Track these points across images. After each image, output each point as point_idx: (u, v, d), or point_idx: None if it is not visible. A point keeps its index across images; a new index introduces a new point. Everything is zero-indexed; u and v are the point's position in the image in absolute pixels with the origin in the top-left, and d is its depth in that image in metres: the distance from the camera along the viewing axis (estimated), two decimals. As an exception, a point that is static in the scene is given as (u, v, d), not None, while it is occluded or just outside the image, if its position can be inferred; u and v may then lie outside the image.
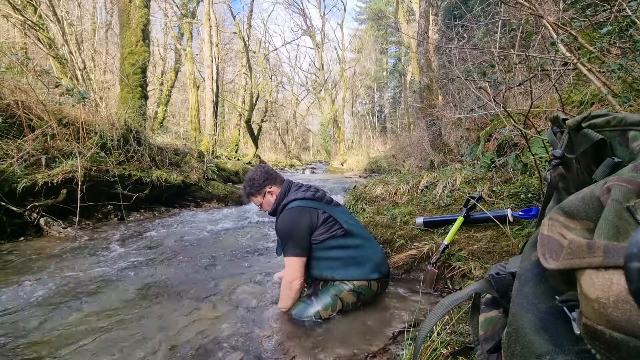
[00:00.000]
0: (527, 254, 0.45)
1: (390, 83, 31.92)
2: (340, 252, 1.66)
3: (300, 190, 1.79)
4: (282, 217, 1.70)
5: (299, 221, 1.65)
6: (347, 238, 1.69)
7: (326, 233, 1.65)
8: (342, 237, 1.68)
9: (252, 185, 1.82)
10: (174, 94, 16.08)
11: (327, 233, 1.66)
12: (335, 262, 1.65)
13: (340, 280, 1.65)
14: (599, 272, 0.28)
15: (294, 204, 1.71)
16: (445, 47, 6.22)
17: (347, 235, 1.70)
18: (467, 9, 7.05)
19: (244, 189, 1.86)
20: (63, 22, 4.88)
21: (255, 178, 1.82)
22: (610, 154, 0.51)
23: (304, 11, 25.93)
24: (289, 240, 1.64)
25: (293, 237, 1.63)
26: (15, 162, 3.26)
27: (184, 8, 13.43)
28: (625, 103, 1.91)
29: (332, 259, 1.66)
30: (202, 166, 6.24)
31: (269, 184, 1.81)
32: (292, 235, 1.64)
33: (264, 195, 1.82)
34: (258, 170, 1.86)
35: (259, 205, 1.86)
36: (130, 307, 1.78)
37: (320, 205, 1.73)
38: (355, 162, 16.57)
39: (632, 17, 1.84)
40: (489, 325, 0.59)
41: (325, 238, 1.65)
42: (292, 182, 1.86)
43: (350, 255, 1.67)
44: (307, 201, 1.72)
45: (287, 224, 1.67)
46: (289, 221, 1.67)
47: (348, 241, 1.69)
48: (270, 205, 1.82)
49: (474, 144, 4.92)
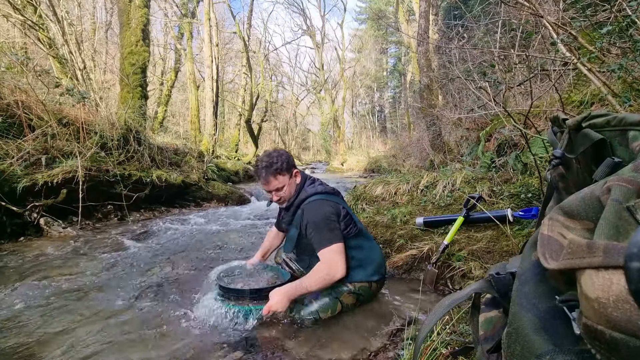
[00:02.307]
0: (527, 254, 0.45)
1: (390, 83, 31.92)
2: (350, 252, 1.63)
3: (316, 184, 1.73)
4: (311, 207, 1.60)
5: (331, 210, 1.59)
6: (358, 238, 1.68)
7: (345, 230, 1.63)
8: (354, 237, 1.66)
9: (284, 161, 1.61)
10: (174, 94, 16.07)
11: (346, 230, 1.63)
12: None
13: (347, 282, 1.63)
14: (599, 272, 0.28)
15: (317, 197, 1.64)
16: (445, 47, 6.22)
17: (359, 236, 1.69)
18: (467, 9, 7.05)
19: (271, 166, 1.59)
20: (63, 22, 4.88)
21: (285, 155, 1.64)
22: (610, 154, 0.51)
23: (304, 11, 26.00)
24: (323, 229, 1.53)
25: (329, 225, 1.54)
26: (15, 162, 3.26)
27: (184, 8, 13.42)
28: (625, 103, 1.91)
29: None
30: (202, 166, 6.24)
31: (295, 165, 1.68)
32: (327, 223, 1.54)
33: (291, 175, 1.65)
34: (282, 150, 1.68)
35: (277, 189, 1.64)
36: (130, 306, 1.78)
37: (340, 200, 1.71)
38: (355, 162, 16.57)
39: (632, 17, 1.84)
40: (489, 325, 0.59)
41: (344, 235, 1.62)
42: (305, 174, 1.77)
43: (357, 256, 1.65)
44: (328, 195, 1.68)
45: (321, 213, 1.57)
46: (322, 211, 1.57)
47: (359, 241, 1.68)
48: (293, 189, 1.67)
49: (474, 144, 4.92)
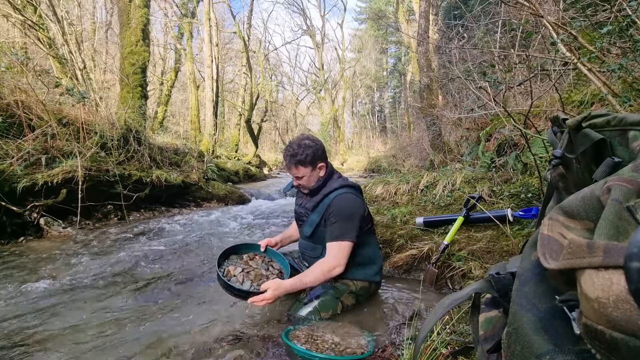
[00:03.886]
0: (527, 254, 0.45)
1: (390, 83, 31.89)
2: (359, 249, 1.65)
3: (342, 179, 1.74)
4: (342, 200, 1.62)
5: (360, 209, 1.61)
6: (370, 236, 1.71)
7: (365, 228, 1.65)
8: (368, 234, 1.69)
9: (309, 154, 1.62)
10: (174, 93, 16.07)
11: (365, 228, 1.65)
12: (352, 259, 1.62)
13: (348, 279, 1.64)
14: (599, 272, 0.28)
15: (348, 190, 1.66)
16: (445, 47, 6.22)
17: (371, 233, 1.72)
18: (467, 8, 7.05)
19: (295, 155, 1.62)
20: (63, 22, 4.87)
21: (314, 147, 1.64)
22: (610, 153, 0.51)
23: (304, 11, 25.97)
24: (347, 222, 1.56)
25: (353, 221, 1.57)
26: (15, 162, 3.26)
27: (184, 8, 13.42)
28: (625, 103, 1.91)
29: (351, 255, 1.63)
30: (202, 166, 6.24)
31: (324, 159, 1.69)
32: (353, 218, 1.57)
33: (314, 167, 1.66)
34: (317, 140, 1.69)
35: (300, 177, 1.67)
36: (130, 306, 1.78)
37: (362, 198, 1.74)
38: (355, 161, 16.59)
39: (632, 17, 1.84)
40: (489, 325, 0.59)
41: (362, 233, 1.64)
42: (333, 167, 1.78)
43: (365, 254, 1.68)
44: (356, 190, 1.70)
45: (350, 208, 1.60)
46: (352, 206, 1.60)
47: (370, 239, 1.71)
48: (314, 181, 1.69)
49: (474, 144, 4.92)
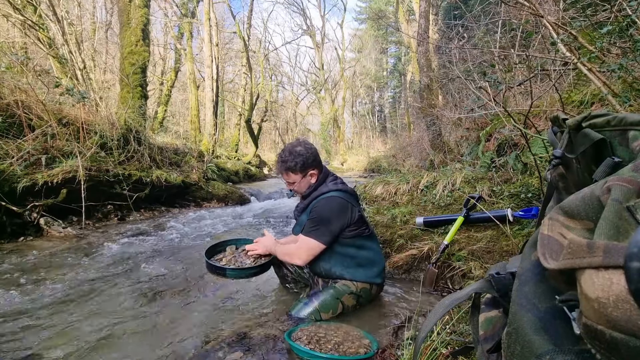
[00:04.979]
0: (527, 254, 0.45)
1: (390, 83, 31.87)
2: (358, 251, 1.66)
3: (337, 182, 1.75)
4: (326, 202, 1.64)
5: (340, 214, 1.61)
6: (368, 240, 1.71)
7: (356, 231, 1.65)
8: (365, 238, 1.69)
9: (298, 162, 1.66)
10: (174, 93, 16.05)
11: (356, 231, 1.65)
12: (351, 260, 1.65)
13: (348, 280, 1.64)
14: (599, 272, 0.28)
15: (337, 194, 1.67)
16: (445, 47, 6.21)
17: (370, 237, 1.72)
18: (467, 8, 7.05)
19: (285, 162, 1.68)
20: (63, 22, 4.87)
21: (305, 155, 1.67)
22: (610, 153, 0.51)
23: (304, 11, 25.98)
24: (322, 224, 1.59)
25: (329, 225, 1.59)
26: (15, 161, 3.26)
27: (184, 8, 13.41)
28: (625, 103, 1.92)
29: (349, 257, 1.65)
30: (202, 166, 6.24)
31: (315, 166, 1.71)
32: (329, 222, 1.59)
33: (305, 175, 1.70)
34: (309, 148, 1.72)
35: (291, 182, 1.73)
36: (130, 306, 1.78)
37: (356, 202, 1.74)
38: (355, 161, 16.59)
39: (632, 17, 1.84)
40: (489, 325, 0.59)
41: (353, 235, 1.65)
42: (328, 171, 1.80)
43: (365, 256, 1.68)
44: (347, 195, 1.70)
45: (329, 211, 1.61)
46: (332, 210, 1.61)
47: (368, 243, 1.70)
48: (305, 187, 1.73)
49: (474, 144, 4.91)
